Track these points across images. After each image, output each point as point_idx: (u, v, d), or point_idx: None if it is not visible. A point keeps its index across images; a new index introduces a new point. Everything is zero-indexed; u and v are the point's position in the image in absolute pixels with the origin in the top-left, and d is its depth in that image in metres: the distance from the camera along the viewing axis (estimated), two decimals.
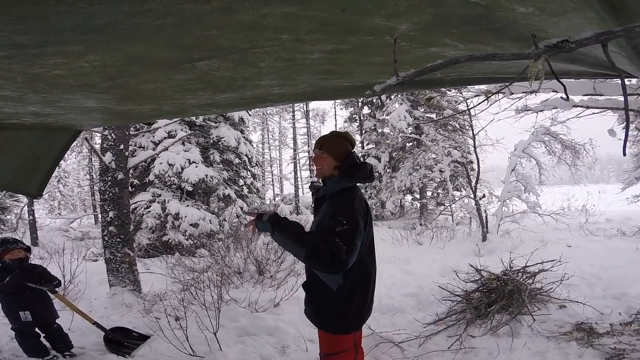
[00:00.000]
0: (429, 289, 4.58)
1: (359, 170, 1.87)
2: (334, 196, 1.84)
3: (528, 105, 5.74)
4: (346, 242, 1.62)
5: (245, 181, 11.08)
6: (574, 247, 6.96)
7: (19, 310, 3.03)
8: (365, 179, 1.91)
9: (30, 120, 2.19)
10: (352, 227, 1.67)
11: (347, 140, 1.98)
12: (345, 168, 1.88)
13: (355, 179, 1.85)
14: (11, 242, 3.18)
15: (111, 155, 4.70)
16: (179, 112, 2.26)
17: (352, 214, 1.72)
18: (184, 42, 1.05)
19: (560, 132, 8.90)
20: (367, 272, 1.86)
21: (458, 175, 12.63)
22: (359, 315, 1.86)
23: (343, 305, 1.80)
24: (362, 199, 1.88)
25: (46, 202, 19.38)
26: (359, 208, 1.77)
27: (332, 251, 1.59)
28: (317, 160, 1.94)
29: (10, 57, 1.02)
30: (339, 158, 1.91)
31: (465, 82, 1.94)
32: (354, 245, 1.64)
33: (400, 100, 13.60)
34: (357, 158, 1.94)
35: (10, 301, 3.03)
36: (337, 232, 1.65)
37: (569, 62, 1.42)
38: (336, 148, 1.92)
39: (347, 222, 1.67)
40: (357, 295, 1.81)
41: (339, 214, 1.70)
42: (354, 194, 1.83)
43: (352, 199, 1.79)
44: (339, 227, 1.65)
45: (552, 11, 0.98)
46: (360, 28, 1.12)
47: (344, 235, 1.64)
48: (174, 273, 5.48)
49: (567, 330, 3.17)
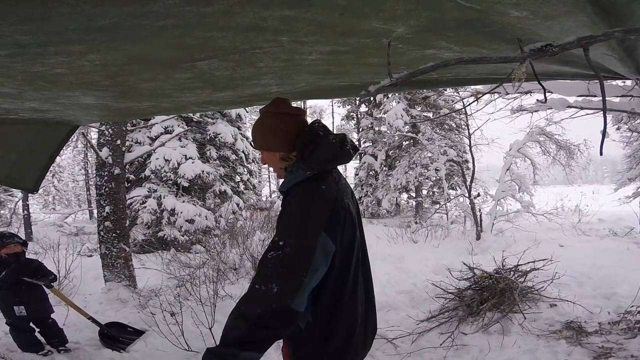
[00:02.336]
0: (423, 286, 4.63)
1: (318, 149, 1.24)
2: (290, 195, 1.26)
3: (523, 105, 5.79)
4: (277, 276, 1.09)
5: (242, 177, 11.09)
6: (566, 247, 7.06)
7: (13, 305, 3.02)
8: (332, 159, 1.27)
9: (28, 116, 2.19)
10: (294, 248, 1.11)
11: (283, 115, 1.32)
12: (298, 149, 1.26)
13: (314, 164, 1.22)
14: (7, 236, 3.16)
15: (108, 151, 4.70)
16: (176, 108, 2.27)
17: (298, 226, 1.15)
18: (184, 43, 1.06)
19: (555, 133, 8.99)
20: (350, 298, 1.26)
21: (453, 174, 12.71)
22: (339, 357, 1.27)
23: (314, 345, 1.25)
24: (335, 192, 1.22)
25: (40, 197, 19.24)
26: (317, 213, 1.16)
27: (250, 312, 1.07)
28: (263, 162, 1.40)
29: (12, 56, 1.03)
30: (279, 145, 1.31)
31: (461, 82, 1.97)
32: (294, 280, 1.09)
33: (397, 98, 13.64)
34: (319, 129, 1.29)
35: (5, 295, 3.02)
36: (266, 261, 1.12)
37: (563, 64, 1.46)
38: (269, 135, 1.31)
39: (285, 243, 1.11)
40: (336, 331, 1.24)
41: (278, 232, 1.16)
42: (316, 188, 1.21)
43: (307, 198, 1.19)
44: (272, 252, 1.12)
45: (545, 15, 1.01)
46: (358, 30, 1.14)
47: (277, 266, 1.10)
48: (169, 269, 5.50)
49: (556, 329, 3.23)
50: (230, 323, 1.10)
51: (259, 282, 1.10)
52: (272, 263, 1.11)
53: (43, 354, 3.03)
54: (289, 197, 1.25)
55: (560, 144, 9.18)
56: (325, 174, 1.26)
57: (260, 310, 1.07)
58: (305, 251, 1.11)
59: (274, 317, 1.08)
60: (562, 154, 9.41)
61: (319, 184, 1.22)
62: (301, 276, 1.10)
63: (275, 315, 1.08)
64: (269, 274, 1.10)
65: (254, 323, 1.07)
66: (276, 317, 1.08)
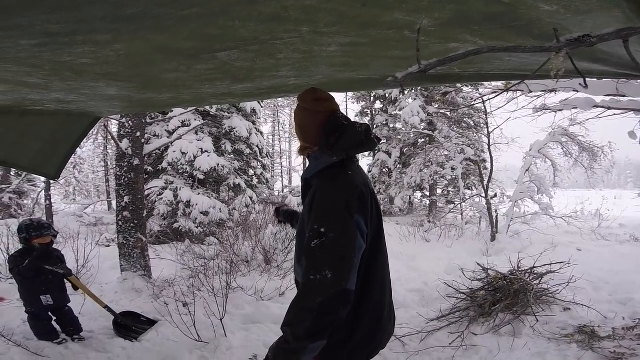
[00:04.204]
0: (434, 285, 4.59)
1: (345, 135, 1.29)
2: (316, 182, 1.30)
3: (547, 104, 5.63)
4: (329, 263, 1.12)
5: (256, 171, 11.19)
6: (584, 251, 6.88)
7: (40, 294, 3.05)
8: (357, 147, 1.32)
9: (53, 107, 2.26)
10: (337, 234, 1.15)
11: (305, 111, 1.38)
12: (323, 137, 1.31)
13: (339, 150, 1.27)
14: (46, 227, 3.17)
15: (128, 142, 4.80)
16: (196, 101, 2.30)
17: (335, 212, 1.18)
18: (207, 33, 1.07)
19: (578, 134, 8.73)
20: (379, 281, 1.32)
21: (470, 174, 12.51)
22: (366, 344, 1.30)
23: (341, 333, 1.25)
24: (361, 179, 1.30)
25: (62, 187, 19.82)
26: (348, 198, 1.20)
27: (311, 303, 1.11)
28: (301, 153, 1.47)
29: (42, 46, 1.06)
30: (312, 128, 1.35)
31: (483, 77, 1.93)
32: (344, 263, 1.14)
33: (414, 95, 13.48)
34: (342, 119, 1.35)
35: (32, 284, 3.05)
36: (313, 250, 1.15)
37: (593, 61, 1.41)
38: (303, 116, 1.37)
39: (327, 229, 1.15)
40: (363, 317, 1.28)
41: (315, 218, 1.19)
42: (342, 173, 1.26)
43: (337, 184, 1.23)
44: (315, 240, 1.15)
45: (577, 9, 0.98)
46: (380, 22, 1.13)
47: (326, 253, 1.13)
48: (183, 260, 5.60)
49: (568, 333, 3.18)
50: (294, 317, 1.14)
51: (312, 271, 1.14)
52: (319, 251, 1.14)
53: (57, 342, 3.05)
54: (316, 184, 1.28)
55: (584, 145, 8.91)
56: (349, 162, 1.32)
57: (321, 298, 1.11)
58: (347, 233, 1.16)
59: (335, 301, 1.12)
60: (585, 156, 9.15)
61: (345, 170, 1.28)
62: (350, 257, 1.15)
63: (335, 299, 1.12)
64: (320, 261, 1.14)
65: (318, 312, 1.10)
66: (336, 301, 1.12)
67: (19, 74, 1.38)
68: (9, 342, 2.90)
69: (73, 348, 3.00)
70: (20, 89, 1.66)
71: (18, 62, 1.23)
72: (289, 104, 26.97)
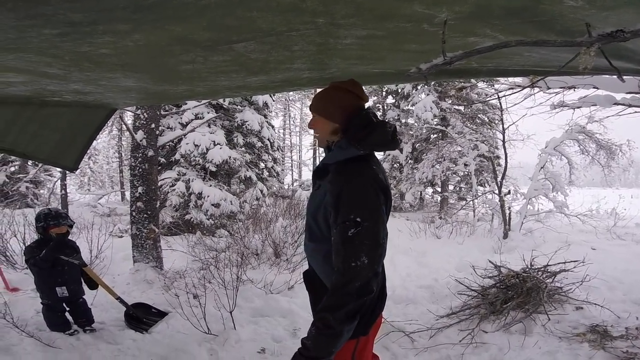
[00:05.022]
0: (445, 282, 4.56)
1: (375, 132, 1.36)
2: (338, 169, 1.36)
3: (565, 101, 5.50)
4: (366, 250, 1.22)
5: (266, 164, 11.25)
6: (599, 250, 6.75)
7: (56, 285, 3.07)
8: (384, 145, 1.40)
9: (70, 98, 2.30)
10: (371, 222, 1.24)
11: (348, 93, 1.44)
12: (353, 129, 1.37)
13: (368, 145, 1.36)
14: (63, 217, 3.20)
15: (142, 133, 4.87)
16: (210, 93, 2.31)
17: (368, 202, 1.27)
18: (225, 23, 1.07)
19: (596, 131, 8.53)
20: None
21: (483, 170, 12.34)
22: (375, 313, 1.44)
23: None
24: (381, 173, 1.39)
25: (77, 177, 20.25)
26: (375, 189, 1.30)
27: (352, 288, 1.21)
28: (312, 125, 1.49)
29: (63, 35, 1.07)
30: (338, 117, 1.41)
31: (501, 73, 1.90)
32: (377, 249, 1.25)
33: (427, 91, 13.31)
34: (372, 116, 1.42)
35: (48, 275, 3.07)
36: (351, 239, 1.23)
37: (617, 58, 1.37)
38: (331, 104, 1.42)
39: (363, 218, 1.23)
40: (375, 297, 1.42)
41: (350, 209, 1.25)
42: (367, 167, 1.35)
43: (365, 178, 1.31)
44: (352, 229, 1.23)
45: (602, 5, 0.95)
46: (398, 14, 1.11)
47: (364, 241, 1.23)
48: (194, 251, 5.68)
49: (580, 332, 3.14)
50: (336, 302, 1.23)
51: (353, 259, 1.23)
52: (357, 239, 1.23)
53: (69, 334, 3.07)
54: (339, 176, 1.34)
55: (601, 143, 8.70)
56: (370, 156, 1.41)
57: (359, 282, 1.22)
58: (379, 222, 1.28)
59: (370, 284, 1.24)
60: (602, 154, 8.93)
61: (369, 164, 1.37)
62: (383, 243, 1.29)
63: (371, 282, 1.24)
64: (358, 249, 1.23)
65: (358, 295, 1.21)
66: (372, 284, 1.25)
67: (40, 64, 1.41)
68: (22, 332, 2.93)
69: (84, 339, 3.04)
70: (40, 80, 1.69)
71: (40, 52, 1.25)
72: (300, 97, 26.97)
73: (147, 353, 2.89)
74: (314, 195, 1.47)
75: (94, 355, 2.83)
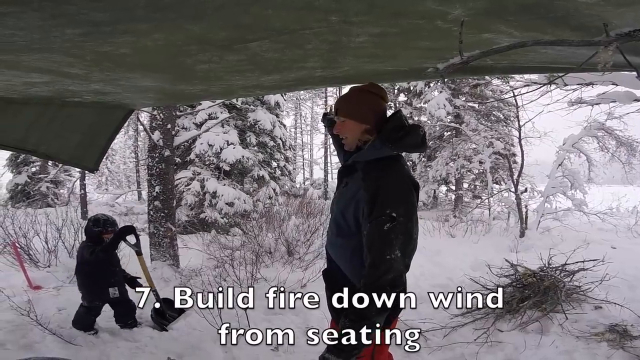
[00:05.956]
0: (459, 281, 4.51)
1: (408, 135, 1.42)
2: (370, 167, 1.41)
3: (582, 97, 5.37)
4: (400, 244, 1.28)
5: (279, 163, 11.32)
6: (619, 249, 6.57)
7: (108, 286, 3.11)
8: (416, 147, 1.47)
9: (90, 99, 2.37)
10: (406, 218, 1.29)
11: (373, 95, 1.51)
12: (387, 131, 1.43)
13: (401, 146, 1.42)
14: (116, 223, 3.33)
15: (159, 134, 4.97)
16: (225, 93, 2.35)
17: (403, 199, 1.33)
18: (240, 22, 1.10)
19: (616, 128, 8.29)
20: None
21: (499, 168, 12.13)
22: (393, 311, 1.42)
23: None
24: (409, 171, 1.47)
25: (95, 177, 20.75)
26: (409, 186, 1.37)
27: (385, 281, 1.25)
28: (340, 130, 1.52)
29: (86, 35, 1.11)
30: (369, 119, 1.47)
31: (517, 70, 1.87)
32: (410, 243, 1.32)
33: (440, 88, 13.15)
34: (405, 119, 1.49)
35: (101, 277, 3.12)
36: (386, 233, 1.27)
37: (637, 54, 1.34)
38: (358, 107, 1.48)
39: (398, 214, 1.28)
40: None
41: (387, 204, 1.30)
42: (400, 166, 1.41)
43: (400, 175, 1.38)
44: (387, 224, 1.27)
45: (618, 2, 0.94)
46: (411, 12, 1.12)
47: (399, 235, 1.28)
48: (209, 250, 5.76)
49: (599, 331, 3.07)
50: (371, 292, 1.26)
51: (388, 251, 1.27)
52: (393, 233, 1.28)
53: (90, 333, 3.12)
54: (373, 173, 1.39)
55: (621, 140, 8.46)
56: (401, 156, 1.49)
57: (393, 275, 1.27)
58: (413, 218, 1.33)
59: (402, 276, 1.31)
60: (622, 150, 8.69)
61: (400, 164, 1.44)
62: (415, 238, 1.35)
63: (403, 275, 1.31)
64: (393, 243, 1.28)
65: (392, 287, 1.27)
66: (403, 277, 1.31)
67: (63, 64, 1.45)
68: (45, 330, 2.99)
69: (103, 337, 3.10)
70: (63, 80, 1.75)
71: (63, 52, 1.29)
72: (310, 96, 27.05)
73: (164, 350, 2.95)
74: (342, 192, 1.51)
75: (112, 352, 2.90)
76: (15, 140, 2.77)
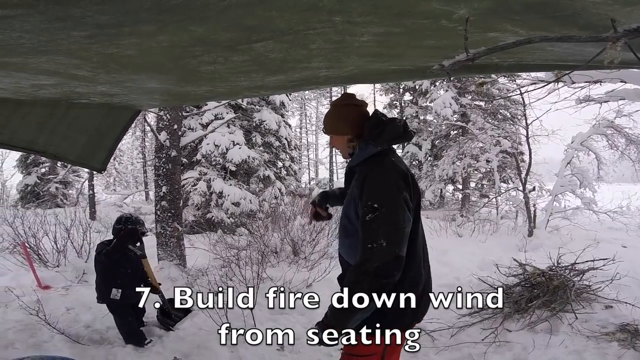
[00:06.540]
0: (467, 280, 4.48)
1: (386, 129, 1.49)
2: (362, 168, 1.50)
3: (591, 95, 5.29)
4: (383, 233, 1.30)
5: (284, 163, 11.35)
6: (630, 248, 6.47)
7: (113, 287, 3.07)
8: (397, 138, 1.54)
9: (97, 100, 2.39)
10: (389, 208, 1.33)
11: (347, 107, 1.61)
12: (367, 131, 1.51)
13: (383, 141, 1.49)
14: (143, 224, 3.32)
15: (166, 134, 5.00)
16: (230, 94, 2.35)
17: (386, 189, 1.37)
18: (245, 23, 1.10)
19: (625, 125, 8.17)
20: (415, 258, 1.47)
21: (506, 166, 12.01)
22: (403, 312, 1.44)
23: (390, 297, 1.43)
24: (401, 163, 1.51)
25: (103, 178, 20.97)
26: (395, 177, 1.41)
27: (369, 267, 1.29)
28: (332, 145, 1.71)
29: (91, 37, 1.12)
30: (347, 130, 1.57)
31: (523, 68, 1.85)
32: (397, 233, 1.32)
33: (446, 87, 13.07)
34: (381, 115, 1.57)
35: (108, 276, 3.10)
36: (369, 223, 1.33)
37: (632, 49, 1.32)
38: (336, 123, 1.60)
39: (380, 204, 1.33)
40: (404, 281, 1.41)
41: (368, 196, 1.37)
42: (387, 160, 1.47)
43: (384, 168, 1.43)
44: (369, 214, 1.33)
45: (626, 1, 0.92)
46: (415, 11, 1.11)
47: (381, 225, 1.31)
48: (216, 249, 5.79)
49: (609, 331, 3.03)
50: (353, 279, 1.33)
51: (369, 241, 1.31)
52: (375, 223, 1.32)
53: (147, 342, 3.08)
54: (363, 170, 1.46)
55: (631, 137, 8.33)
56: (389, 151, 1.53)
57: (377, 263, 1.29)
58: (398, 207, 1.35)
59: (389, 266, 1.30)
60: (632, 148, 8.55)
61: (388, 157, 1.49)
62: (401, 227, 1.34)
63: (390, 265, 1.30)
64: (375, 232, 1.31)
65: (375, 275, 1.29)
66: (391, 266, 1.30)
67: (69, 67, 1.47)
68: (53, 329, 3.02)
69: (110, 336, 3.12)
70: (70, 82, 1.77)
71: (69, 54, 1.31)
72: (315, 96, 27.04)
73: (171, 350, 2.97)
74: (347, 195, 1.59)
75: (119, 352, 2.91)
76: (25, 141, 2.82)
